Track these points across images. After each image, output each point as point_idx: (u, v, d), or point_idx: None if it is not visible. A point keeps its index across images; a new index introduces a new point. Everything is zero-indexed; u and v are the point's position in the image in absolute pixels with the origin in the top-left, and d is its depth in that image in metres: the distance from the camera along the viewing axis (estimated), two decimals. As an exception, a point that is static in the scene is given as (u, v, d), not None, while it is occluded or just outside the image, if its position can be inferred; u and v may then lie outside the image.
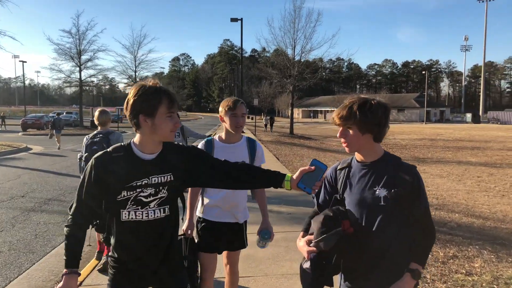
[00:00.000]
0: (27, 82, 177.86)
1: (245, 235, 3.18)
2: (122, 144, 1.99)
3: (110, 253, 2.08)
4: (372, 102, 1.93)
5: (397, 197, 1.88)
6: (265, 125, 40.08)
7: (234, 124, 2.93)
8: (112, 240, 2.05)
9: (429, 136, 32.79)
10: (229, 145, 3.02)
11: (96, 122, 4.93)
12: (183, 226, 3.05)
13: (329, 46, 35.00)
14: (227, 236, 3.07)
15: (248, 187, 2.22)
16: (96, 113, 4.92)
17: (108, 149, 1.97)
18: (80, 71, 37.47)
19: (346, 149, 1.99)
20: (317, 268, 1.89)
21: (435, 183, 10.81)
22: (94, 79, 43.22)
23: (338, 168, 2.12)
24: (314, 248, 1.89)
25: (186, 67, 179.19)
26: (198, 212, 3.12)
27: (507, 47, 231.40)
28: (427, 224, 1.98)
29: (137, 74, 48.88)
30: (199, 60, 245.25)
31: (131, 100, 1.86)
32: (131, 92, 1.88)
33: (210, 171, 2.04)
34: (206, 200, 3.06)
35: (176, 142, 2.16)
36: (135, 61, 47.49)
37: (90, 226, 2.30)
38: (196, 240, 3.08)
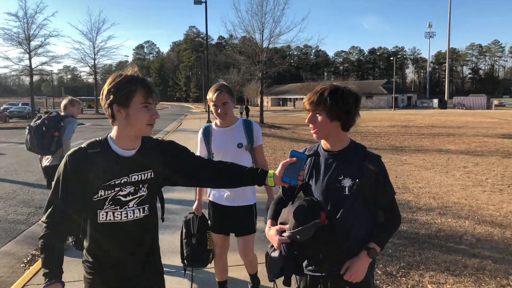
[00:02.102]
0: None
1: (255, 219, 3.28)
2: (98, 139, 1.84)
3: (84, 258, 1.91)
4: (344, 89, 1.95)
5: (361, 187, 1.92)
6: (241, 113, 38.19)
7: (215, 113, 3.06)
8: (86, 244, 1.89)
9: (401, 122, 32.31)
10: (225, 129, 3.15)
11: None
12: (193, 206, 3.39)
13: (299, 30, 33.25)
14: (238, 219, 3.20)
15: (231, 186, 2.10)
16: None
17: (83, 145, 1.81)
18: (30, 58, 34.38)
19: (314, 135, 2.00)
20: (289, 258, 1.86)
21: (423, 177, 9.73)
22: (53, 68, 40.33)
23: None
24: (287, 239, 1.86)
25: (151, 55, 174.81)
26: (209, 196, 3.28)
27: (468, 34, 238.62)
28: (393, 211, 2.05)
29: (96, 62, 46.31)
30: (165, 48, 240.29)
31: (106, 89, 1.77)
32: (107, 81, 1.78)
33: (194, 169, 1.98)
34: None
35: None
36: (94, 48, 45.04)
37: (70, 242, 2.04)
38: (209, 221, 3.32)
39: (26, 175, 10.24)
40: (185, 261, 3.26)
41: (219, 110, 3.03)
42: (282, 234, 1.89)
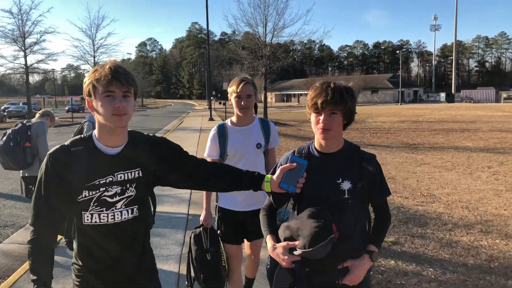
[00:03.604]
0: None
1: None
2: (82, 136, 1.77)
3: (73, 260, 1.83)
4: (352, 88, 1.91)
5: (361, 189, 1.88)
6: None
7: (238, 106, 2.84)
8: (75, 245, 1.80)
9: (409, 117, 31.21)
10: (242, 128, 2.94)
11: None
12: (200, 217, 3.02)
13: (304, 23, 31.21)
14: (250, 225, 2.89)
15: (225, 189, 2.03)
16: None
17: (66, 143, 1.73)
18: (25, 56, 33.25)
19: (323, 135, 1.86)
20: (301, 275, 1.81)
21: (447, 180, 8.69)
22: (50, 66, 39.43)
23: None
24: (299, 257, 1.78)
25: (154, 52, 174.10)
26: (217, 202, 3.03)
27: (474, 27, 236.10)
28: (386, 211, 2.02)
29: (97, 59, 45.30)
30: (167, 45, 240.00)
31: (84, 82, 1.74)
32: None
33: (188, 169, 1.88)
34: None
35: None
36: (94, 46, 43.95)
37: (64, 242, 2.07)
38: (218, 231, 3.00)
39: (2, 184, 9.28)
40: (200, 284, 2.87)
41: (243, 102, 2.81)
42: (293, 252, 1.78)
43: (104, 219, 1.71)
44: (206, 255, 2.83)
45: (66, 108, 53.01)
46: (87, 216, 1.70)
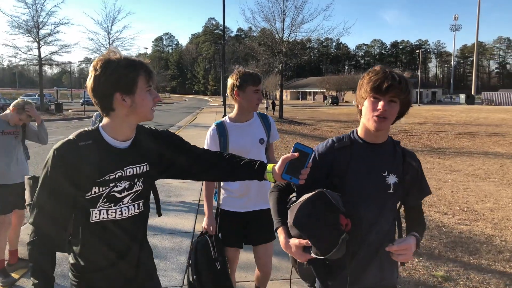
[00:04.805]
0: (5, 63, 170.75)
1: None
2: (87, 129, 1.68)
3: (72, 261, 1.74)
4: None
5: (405, 185, 1.77)
6: (266, 108, 36.44)
7: (256, 101, 2.75)
8: (75, 246, 1.73)
9: (430, 119, 30.15)
10: (243, 124, 2.81)
11: None
12: (203, 223, 2.81)
13: (323, 19, 30.56)
14: (256, 226, 2.79)
15: (230, 179, 2.03)
16: None
17: (71, 137, 1.62)
18: (39, 47, 32.94)
19: (376, 124, 1.67)
20: (321, 268, 1.74)
21: (486, 192, 7.83)
22: (63, 59, 39.11)
23: (336, 147, 1.79)
24: (315, 255, 1.64)
25: (170, 47, 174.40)
26: (220, 204, 2.86)
27: (496, 27, 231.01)
28: (422, 212, 1.90)
29: (112, 53, 45.03)
30: (184, 40, 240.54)
31: (103, 77, 1.56)
32: (97, 69, 1.55)
33: (191, 160, 1.85)
34: (226, 189, 2.79)
35: None
36: (109, 39, 43.69)
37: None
38: (219, 234, 2.81)
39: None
40: None
41: (260, 97, 2.77)
42: (308, 251, 1.66)
43: (111, 215, 1.67)
44: (216, 264, 2.66)
45: (81, 101, 52.99)
46: (95, 213, 1.65)
